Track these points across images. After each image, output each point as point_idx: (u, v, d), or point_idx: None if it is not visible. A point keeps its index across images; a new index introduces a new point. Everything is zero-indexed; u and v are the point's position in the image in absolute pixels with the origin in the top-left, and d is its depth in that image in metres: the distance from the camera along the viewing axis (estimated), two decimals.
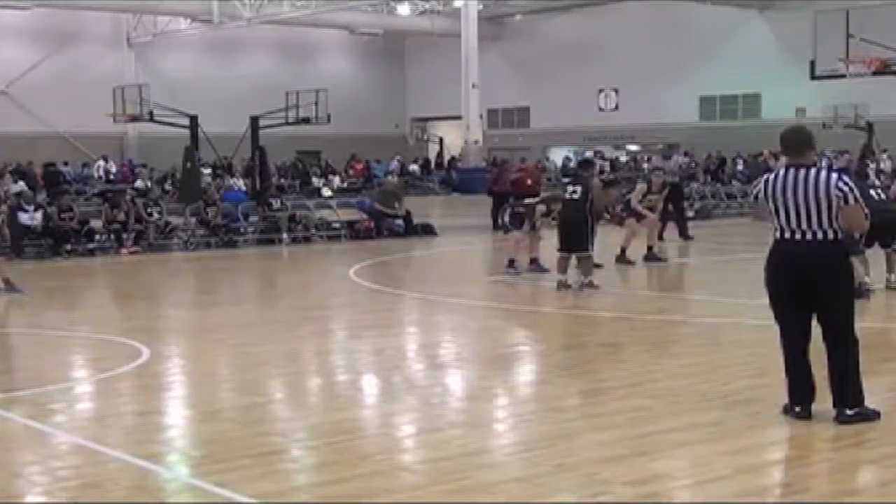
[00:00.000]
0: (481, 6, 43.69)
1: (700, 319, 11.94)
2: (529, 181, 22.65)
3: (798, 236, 6.87)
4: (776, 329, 7.09)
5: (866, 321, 10.36)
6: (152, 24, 45.68)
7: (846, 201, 6.77)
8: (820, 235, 6.83)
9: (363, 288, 15.41)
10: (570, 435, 6.79)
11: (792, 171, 6.90)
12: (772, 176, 7.02)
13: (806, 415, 6.92)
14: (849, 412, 6.83)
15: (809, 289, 6.86)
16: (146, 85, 31.08)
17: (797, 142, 7.03)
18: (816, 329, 6.97)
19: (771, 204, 6.92)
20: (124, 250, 20.72)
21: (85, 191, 34.63)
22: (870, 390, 7.00)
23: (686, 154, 39.69)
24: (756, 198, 7.13)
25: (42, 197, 25.24)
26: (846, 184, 6.82)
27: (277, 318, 12.84)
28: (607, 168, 36.41)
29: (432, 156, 52.40)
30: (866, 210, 6.93)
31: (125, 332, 11.11)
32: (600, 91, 46.59)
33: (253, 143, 27.91)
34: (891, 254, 13.22)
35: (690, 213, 25.83)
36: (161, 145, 37.11)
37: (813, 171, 6.88)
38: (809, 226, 6.82)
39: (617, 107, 46.38)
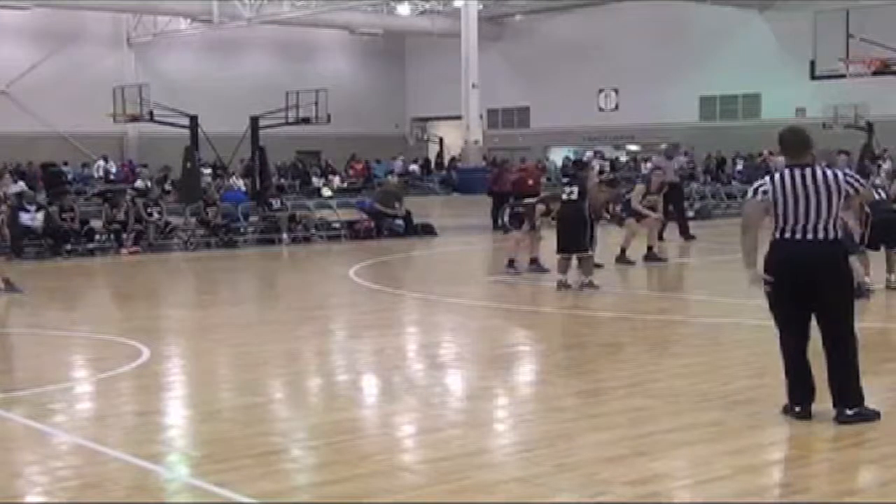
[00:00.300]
0: (481, 6, 43.69)
1: (700, 319, 11.95)
2: (530, 181, 22.68)
3: (798, 236, 6.87)
4: (776, 329, 7.10)
5: (866, 321, 10.37)
6: (152, 24, 45.70)
7: (856, 191, 7.03)
8: (820, 235, 6.84)
9: (363, 288, 15.40)
10: (570, 435, 6.79)
11: (797, 170, 6.90)
12: (777, 176, 7.01)
13: (806, 415, 6.92)
14: (849, 412, 6.83)
15: (809, 289, 6.87)
16: (146, 85, 31.11)
17: (796, 142, 7.04)
18: (816, 329, 6.98)
19: (780, 203, 6.90)
20: (124, 250, 20.71)
21: (85, 191, 34.62)
22: (870, 390, 7.00)
23: (686, 154, 39.71)
24: (764, 192, 6.90)
25: (42, 197, 25.22)
26: (852, 177, 7.06)
27: (277, 318, 12.85)
28: (607, 168, 36.40)
29: (432, 156, 52.41)
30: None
31: (125, 332, 11.11)
32: (600, 91, 46.60)
33: (253, 144, 27.92)
34: (891, 254, 13.22)
35: (690, 213, 25.81)
36: (161, 145, 37.13)
37: (818, 170, 6.92)
38: (813, 226, 6.83)
39: (617, 107, 46.39)
